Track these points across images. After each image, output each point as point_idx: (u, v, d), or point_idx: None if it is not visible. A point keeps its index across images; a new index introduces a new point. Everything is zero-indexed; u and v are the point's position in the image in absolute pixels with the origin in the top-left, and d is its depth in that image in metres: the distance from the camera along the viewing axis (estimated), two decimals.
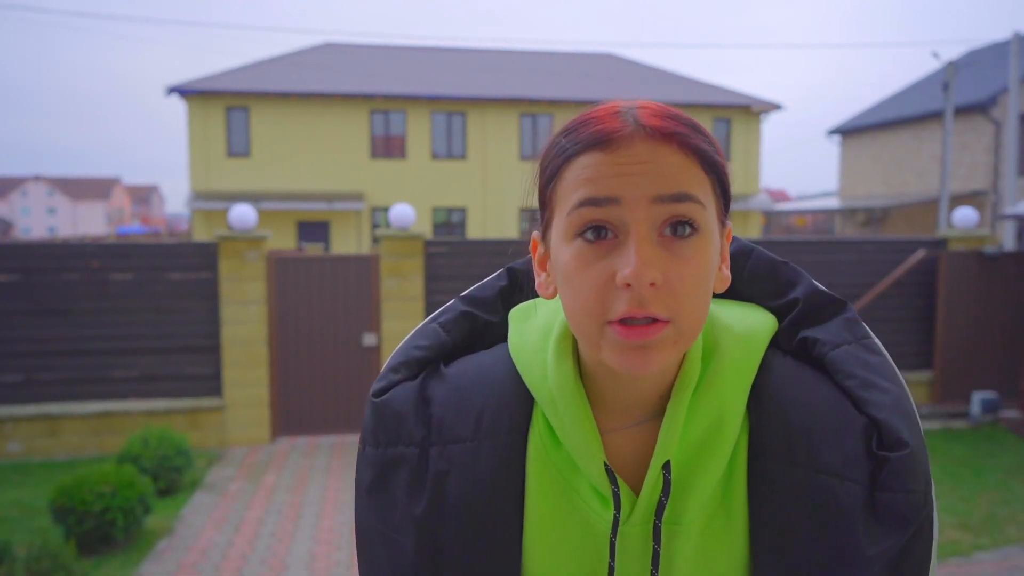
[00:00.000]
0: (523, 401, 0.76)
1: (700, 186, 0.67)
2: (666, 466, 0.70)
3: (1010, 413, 7.98)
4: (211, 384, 7.24)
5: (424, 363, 0.80)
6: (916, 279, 8.19)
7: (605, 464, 0.71)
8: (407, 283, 7.47)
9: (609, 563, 0.72)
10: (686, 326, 0.65)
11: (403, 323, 7.48)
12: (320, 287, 7.47)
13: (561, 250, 0.68)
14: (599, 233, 0.66)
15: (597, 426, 0.73)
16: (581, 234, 0.66)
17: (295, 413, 7.51)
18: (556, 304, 0.78)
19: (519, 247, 0.83)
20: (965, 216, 8.42)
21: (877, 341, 0.77)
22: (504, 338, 0.82)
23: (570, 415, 0.72)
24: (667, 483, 0.70)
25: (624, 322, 0.64)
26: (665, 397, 0.72)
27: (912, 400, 0.75)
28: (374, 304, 7.52)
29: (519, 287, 0.85)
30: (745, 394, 0.72)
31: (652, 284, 0.63)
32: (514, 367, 0.77)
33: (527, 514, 0.74)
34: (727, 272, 0.73)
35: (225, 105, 19.75)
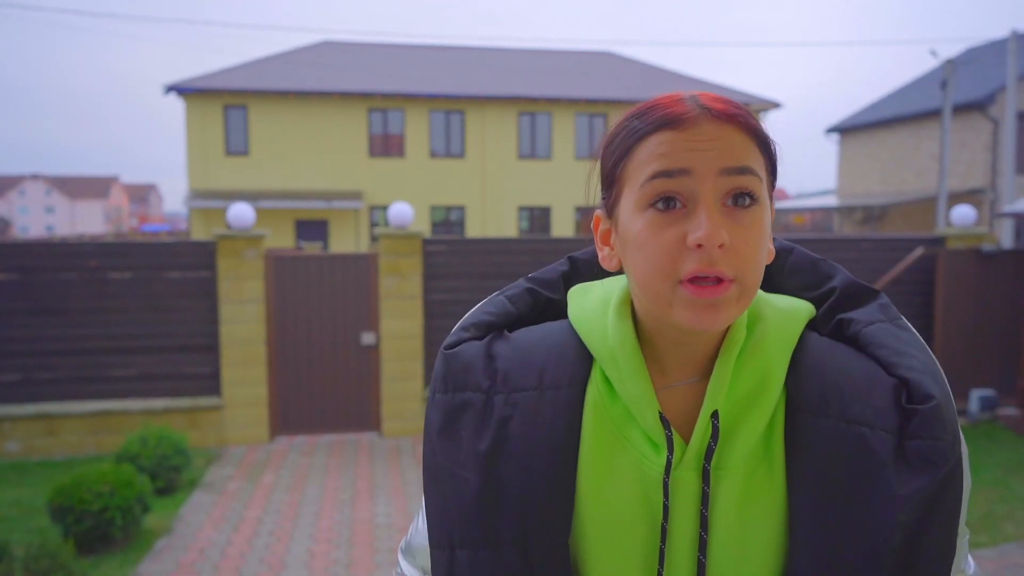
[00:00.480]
0: (583, 360, 0.84)
1: (757, 162, 0.75)
2: (715, 415, 0.78)
3: (1008, 411, 7.98)
4: (210, 383, 7.23)
5: (491, 326, 0.88)
6: (914, 277, 8.19)
7: (660, 413, 0.79)
8: (406, 282, 7.47)
9: (664, 503, 0.77)
10: (748, 285, 0.73)
11: (402, 322, 7.48)
12: (319, 286, 7.47)
13: (633, 220, 0.76)
14: (670, 203, 0.74)
15: (652, 381, 0.80)
16: (653, 204, 0.74)
17: (294, 412, 7.51)
18: (612, 283, 0.88)
19: (566, 242, 0.91)
20: (963, 214, 8.42)
21: (907, 322, 0.84)
22: (563, 317, 0.90)
23: (629, 368, 0.80)
24: (716, 430, 0.77)
25: (695, 281, 0.72)
26: (712, 359, 0.80)
27: (942, 371, 0.80)
28: (372, 303, 7.52)
29: (579, 273, 0.94)
30: (787, 359, 0.80)
31: (721, 246, 0.71)
32: (574, 334, 0.85)
33: (582, 459, 0.80)
34: (772, 247, 0.81)
35: (223, 103, 19.73)
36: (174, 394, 7.16)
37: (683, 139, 0.73)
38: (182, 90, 19.38)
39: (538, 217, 21.51)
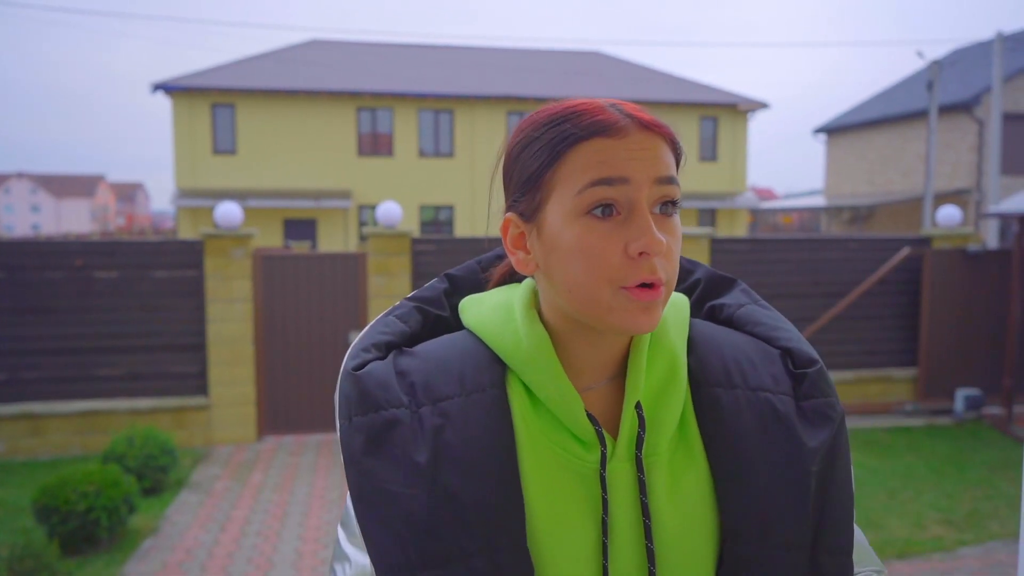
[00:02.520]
0: (496, 364, 0.83)
1: (676, 171, 0.79)
2: (638, 405, 0.81)
3: (993, 409, 8.05)
4: (197, 383, 7.19)
5: (391, 346, 0.86)
6: (901, 277, 8.25)
7: (586, 411, 0.80)
8: (394, 281, 7.45)
9: (603, 496, 0.79)
10: (672, 286, 0.78)
11: None
12: (307, 285, 7.44)
13: (566, 227, 0.77)
14: (607, 210, 0.75)
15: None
16: (590, 211, 0.75)
17: (281, 411, 7.47)
18: (503, 292, 0.89)
19: (494, 243, 0.92)
20: (949, 215, 8.49)
21: (767, 303, 0.93)
22: (453, 331, 0.90)
23: (548, 372, 0.80)
24: (642, 419, 0.80)
25: (639, 286, 0.75)
26: (620, 359, 0.83)
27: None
28: (361, 302, 7.50)
29: (458, 290, 0.95)
30: (684, 343, 0.85)
31: (660, 253, 0.75)
32: (478, 342, 0.85)
33: (521, 460, 0.80)
34: None
35: (211, 102, 19.62)
36: (161, 394, 7.11)
37: (622, 147, 0.75)
38: (169, 88, 19.26)
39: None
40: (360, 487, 0.79)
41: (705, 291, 0.95)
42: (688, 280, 0.96)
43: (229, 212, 7.12)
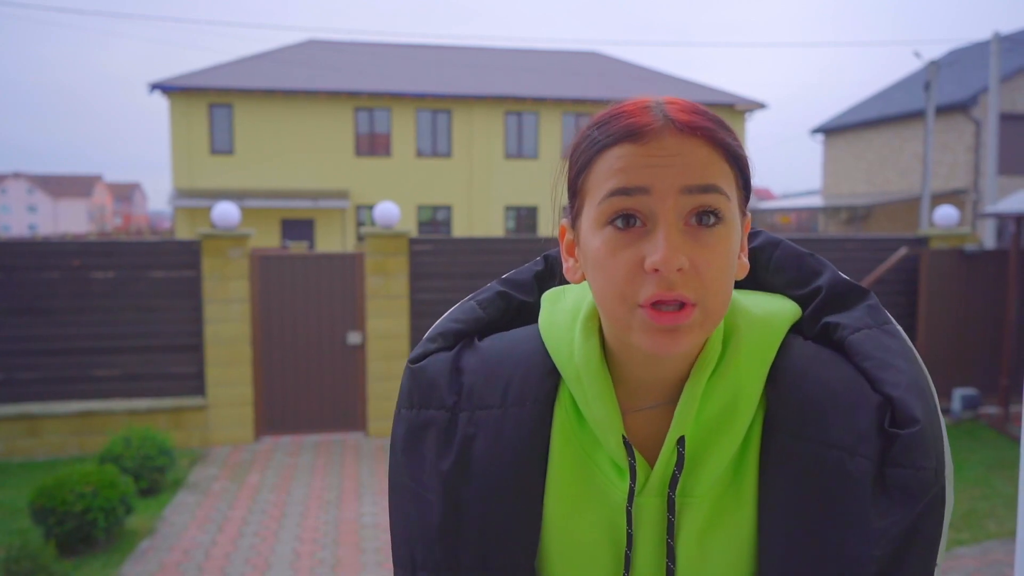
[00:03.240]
0: (550, 375, 0.80)
1: (724, 178, 0.71)
2: (680, 441, 0.74)
3: (990, 409, 8.06)
4: (194, 383, 7.19)
5: (460, 335, 0.84)
6: (898, 277, 8.25)
7: (623, 437, 0.75)
8: (392, 281, 7.45)
9: (628, 531, 0.75)
10: (712, 309, 0.69)
11: (388, 321, 7.46)
12: (304, 285, 7.43)
13: (591, 237, 0.73)
14: (628, 221, 0.70)
15: (618, 404, 0.77)
16: (611, 222, 0.71)
17: (279, 412, 7.47)
18: (585, 288, 0.83)
19: (551, 242, 0.89)
20: (946, 215, 8.50)
21: (898, 327, 0.79)
22: (536, 320, 0.86)
23: (594, 390, 0.76)
24: (680, 457, 0.74)
25: (655, 306, 0.68)
26: (683, 381, 0.76)
27: (930, 382, 0.76)
28: (359, 302, 7.49)
29: (553, 273, 0.90)
30: (763, 376, 0.75)
31: (680, 269, 0.68)
32: (542, 345, 0.82)
33: (549, 481, 0.78)
34: (746, 260, 0.78)
35: (208, 102, 19.60)
36: (158, 394, 7.10)
37: (643, 153, 0.69)
38: (167, 88, 19.24)
39: (525, 217, 21.52)
40: (392, 476, 0.83)
41: (825, 303, 0.81)
42: (810, 285, 0.82)
43: (226, 212, 7.11)
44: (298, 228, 19.95)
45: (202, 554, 4.90)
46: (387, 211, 7.45)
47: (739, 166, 0.73)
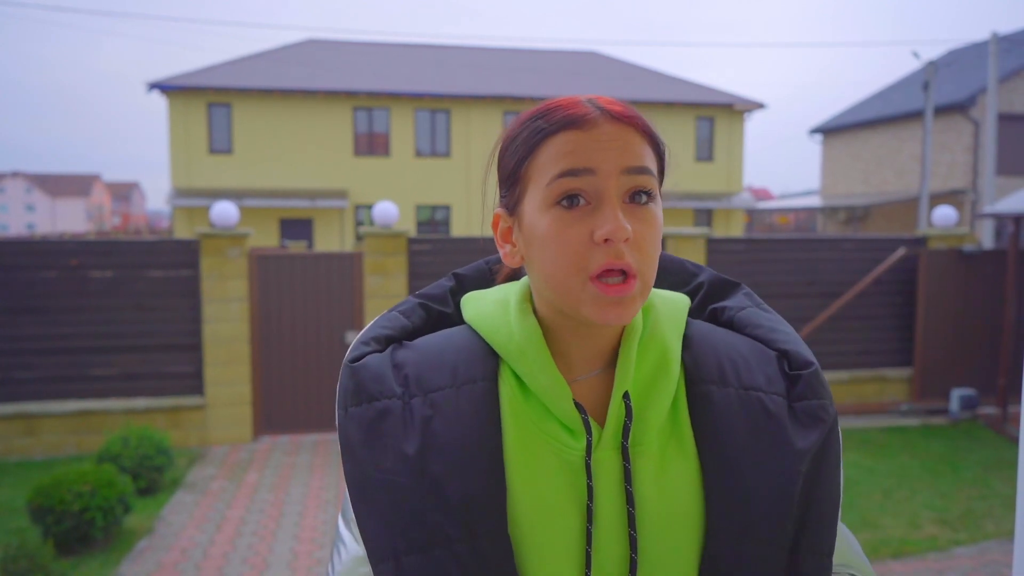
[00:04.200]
0: (490, 357, 0.86)
1: (652, 162, 0.80)
2: (626, 395, 0.82)
3: (988, 409, 8.07)
4: (192, 382, 7.18)
5: (390, 339, 0.89)
6: (896, 277, 8.26)
7: (573, 399, 0.82)
8: (391, 281, 7.44)
9: (588, 483, 0.80)
10: (647, 280, 0.79)
11: None
12: (303, 285, 7.43)
13: (539, 218, 0.79)
14: (574, 201, 0.77)
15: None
16: (558, 202, 0.78)
17: (277, 411, 7.46)
18: (504, 288, 0.91)
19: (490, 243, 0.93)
20: (944, 215, 8.50)
21: (769, 307, 0.94)
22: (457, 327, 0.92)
23: (538, 361, 0.82)
24: (628, 408, 0.82)
25: (603, 278, 0.76)
26: (612, 351, 0.85)
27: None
28: (357, 302, 7.49)
29: (464, 289, 0.97)
30: (679, 338, 0.86)
31: (626, 240, 0.76)
32: (475, 335, 0.87)
33: (507, 451, 0.82)
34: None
35: (207, 101, 19.59)
36: (156, 393, 7.10)
37: (587, 139, 0.77)
38: (165, 87, 19.22)
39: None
40: (353, 475, 0.82)
41: (708, 294, 0.96)
42: (692, 283, 0.97)
43: (225, 211, 7.11)
44: (297, 228, 19.94)
45: (200, 554, 4.90)
46: (386, 211, 7.45)
47: (659, 153, 0.82)
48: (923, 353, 8.21)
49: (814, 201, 26.17)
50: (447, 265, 7.59)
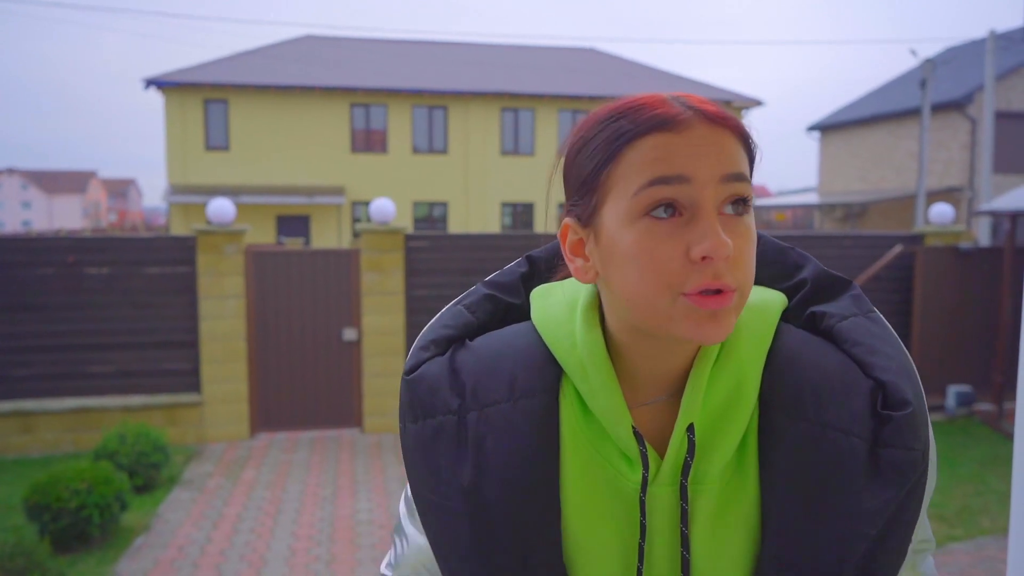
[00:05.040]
0: (552, 366, 0.79)
1: (747, 168, 0.72)
2: (690, 428, 0.74)
3: (984, 406, 8.09)
4: (189, 380, 7.17)
5: (452, 340, 0.83)
6: (893, 274, 8.27)
7: (633, 427, 0.75)
8: (388, 278, 7.44)
9: (640, 520, 0.75)
10: (746, 293, 0.71)
11: (384, 318, 7.46)
12: (300, 282, 7.42)
13: (623, 231, 0.71)
14: (668, 211, 0.69)
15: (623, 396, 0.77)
16: (649, 213, 0.70)
17: (274, 408, 7.46)
18: (573, 284, 0.84)
19: (547, 238, 0.88)
20: (941, 212, 8.51)
21: (881, 316, 0.81)
22: (526, 320, 0.85)
23: (599, 380, 0.76)
24: (692, 443, 0.74)
25: (701, 293, 0.68)
26: (685, 374, 0.76)
27: (915, 368, 0.77)
28: (354, 299, 7.48)
29: (538, 273, 0.89)
30: (762, 360, 0.76)
31: (727, 258, 0.68)
32: (539, 338, 0.81)
33: (563, 473, 0.77)
34: None
35: (203, 98, 19.55)
36: (153, 391, 7.09)
37: (681, 143, 0.69)
38: (162, 84, 19.18)
39: (521, 213, 21.52)
40: (415, 491, 0.81)
41: (811, 294, 0.83)
42: (793, 279, 0.84)
43: (221, 208, 7.10)
44: (294, 224, 19.92)
45: (197, 551, 4.90)
46: (383, 207, 7.44)
47: (751, 157, 0.75)
48: (920, 350, 8.22)
49: (811, 198, 26.18)
50: (444, 262, 7.59)
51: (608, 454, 0.77)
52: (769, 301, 0.81)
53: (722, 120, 0.70)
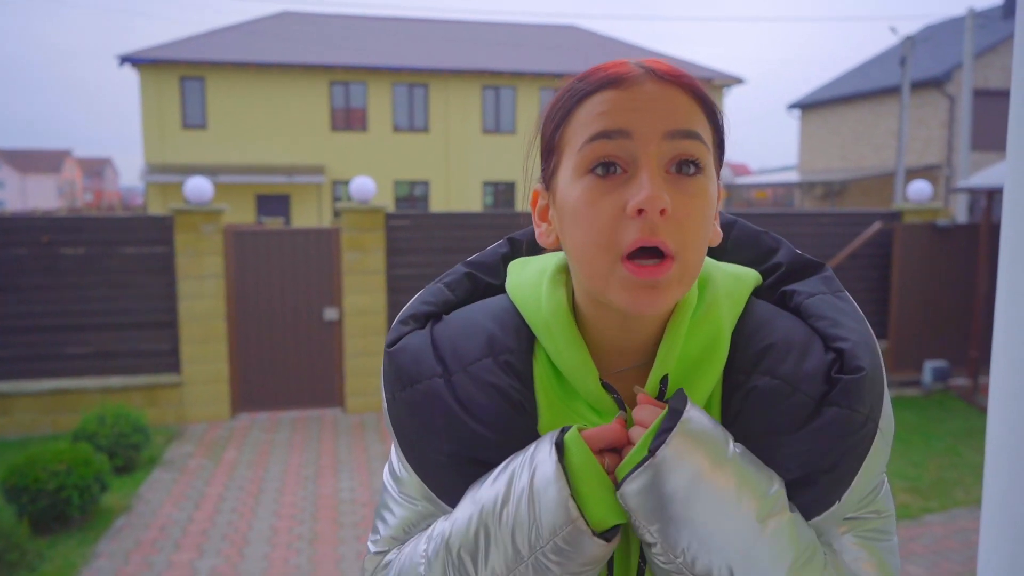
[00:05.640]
0: (526, 329, 0.81)
1: (703, 129, 0.72)
2: (664, 379, 0.76)
3: (960, 381, 8.21)
4: (168, 360, 7.12)
5: (430, 316, 0.85)
6: (872, 251, 8.34)
7: (600, 379, 0.77)
8: (368, 257, 7.40)
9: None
10: (688, 264, 0.70)
11: (365, 297, 7.42)
12: (280, 261, 7.36)
13: (570, 188, 0.72)
14: (609, 168, 0.70)
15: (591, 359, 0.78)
16: (592, 169, 0.70)
17: (256, 389, 7.43)
18: (549, 256, 0.85)
19: (529, 218, 0.88)
20: (919, 189, 8.58)
21: (849, 296, 0.83)
22: None
23: (563, 338, 0.77)
24: (663, 395, 0.76)
25: (634, 258, 0.68)
26: (654, 346, 0.77)
27: (877, 344, 0.79)
28: (335, 278, 7.44)
29: (519, 254, 0.91)
30: (734, 320, 0.78)
31: (662, 211, 0.67)
32: (512, 305, 0.83)
33: (540, 424, 0.79)
34: (718, 229, 0.79)
35: (179, 75, 19.25)
36: (132, 371, 7.03)
37: (624, 98, 0.70)
38: (136, 61, 18.85)
39: (502, 192, 21.45)
40: (414, 459, 0.82)
41: (785, 276, 0.85)
42: (769, 261, 0.87)
43: (199, 187, 7.01)
44: (273, 204, 19.74)
45: (179, 531, 4.88)
46: (363, 186, 7.38)
47: (715, 122, 0.74)
48: (897, 326, 8.32)
49: (792, 176, 26.32)
50: (425, 241, 7.55)
51: (580, 411, 0.79)
52: (744, 272, 0.83)
53: (673, 77, 0.70)
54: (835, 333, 0.77)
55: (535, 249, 0.90)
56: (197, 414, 7.17)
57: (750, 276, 0.83)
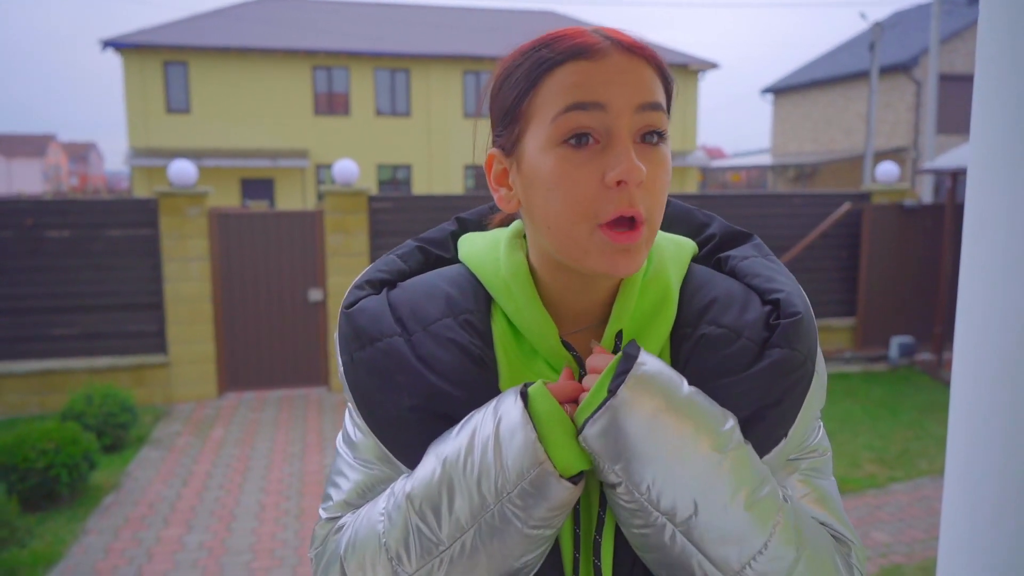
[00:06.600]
0: (482, 291, 0.83)
1: (663, 99, 0.75)
2: (619, 334, 0.79)
3: (925, 356, 8.43)
4: (155, 341, 7.20)
5: (384, 283, 0.87)
6: (842, 231, 8.52)
7: (561, 337, 0.80)
8: (352, 239, 7.50)
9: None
10: (655, 226, 0.75)
11: (348, 278, 7.53)
12: (264, 243, 7.45)
13: (542, 158, 0.73)
14: (583, 139, 0.71)
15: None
16: (566, 140, 0.72)
17: (242, 368, 7.54)
18: (498, 231, 0.88)
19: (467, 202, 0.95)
20: (887, 171, 8.77)
21: (777, 259, 0.89)
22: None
23: (523, 297, 0.80)
24: (618, 350, 0.78)
25: (613, 226, 0.72)
26: (609, 303, 0.81)
27: (806, 296, 0.84)
28: (319, 260, 7.55)
29: (466, 232, 0.94)
30: (680, 278, 0.83)
31: (639, 183, 0.71)
32: (467, 271, 0.85)
33: (500, 381, 0.81)
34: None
35: (163, 59, 19.11)
36: (119, 352, 7.10)
37: (598, 71, 0.71)
38: (119, 45, 18.69)
39: (483, 175, 21.46)
40: (375, 419, 0.81)
41: (718, 245, 0.90)
42: (703, 234, 0.92)
43: (182, 170, 7.08)
44: (258, 187, 19.70)
45: (167, 507, 4.95)
46: (346, 169, 7.47)
47: (669, 91, 0.77)
48: (865, 303, 8.52)
49: (765, 159, 26.51)
50: (408, 223, 7.66)
51: (539, 370, 0.81)
52: (684, 240, 0.88)
53: (639, 50, 0.73)
54: (770, 287, 0.81)
55: (482, 228, 0.94)
56: (184, 394, 7.27)
57: (689, 243, 0.88)
